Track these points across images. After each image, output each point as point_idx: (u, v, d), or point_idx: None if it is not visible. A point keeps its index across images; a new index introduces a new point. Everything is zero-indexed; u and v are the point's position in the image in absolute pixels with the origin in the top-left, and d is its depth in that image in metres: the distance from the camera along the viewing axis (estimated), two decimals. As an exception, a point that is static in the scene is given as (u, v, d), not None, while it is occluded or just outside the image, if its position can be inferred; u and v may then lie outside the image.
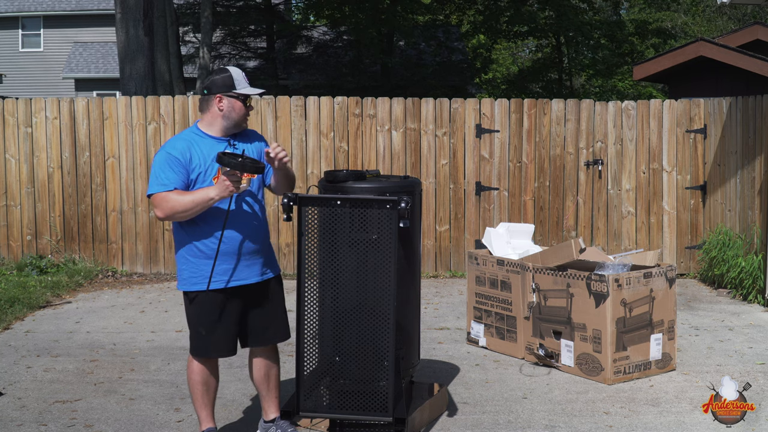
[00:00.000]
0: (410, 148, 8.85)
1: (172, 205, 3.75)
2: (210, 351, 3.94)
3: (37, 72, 28.52)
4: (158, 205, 3.78)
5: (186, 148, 3.84)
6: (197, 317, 3.92)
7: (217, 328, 3.90)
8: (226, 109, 3.90)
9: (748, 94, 8.26)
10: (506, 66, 34.63)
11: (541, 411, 4.67)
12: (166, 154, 3.82)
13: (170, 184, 3.77)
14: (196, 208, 3.74)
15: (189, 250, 3.88)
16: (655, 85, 28.11)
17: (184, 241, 3.90)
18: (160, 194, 3.77)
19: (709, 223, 8.81)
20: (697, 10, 35.28)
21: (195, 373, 3.97)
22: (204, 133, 3.93)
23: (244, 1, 22.34)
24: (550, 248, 5.64)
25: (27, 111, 8.72)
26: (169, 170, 3.78)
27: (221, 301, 3.89)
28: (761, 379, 5.21)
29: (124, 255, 8.79)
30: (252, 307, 3.99)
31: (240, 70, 3.96)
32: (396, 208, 3.87)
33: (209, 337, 3.90)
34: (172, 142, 3.89)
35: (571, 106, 8.93)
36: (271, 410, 4.17)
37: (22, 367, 5.48)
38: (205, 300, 3.88)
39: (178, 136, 3.97)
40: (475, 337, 6.05)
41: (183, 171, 3.79)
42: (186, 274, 3.90)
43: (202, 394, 3.99)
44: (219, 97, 3.90)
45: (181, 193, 3.76)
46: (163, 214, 3.78)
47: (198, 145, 3.87)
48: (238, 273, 3.90)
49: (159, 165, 3.81)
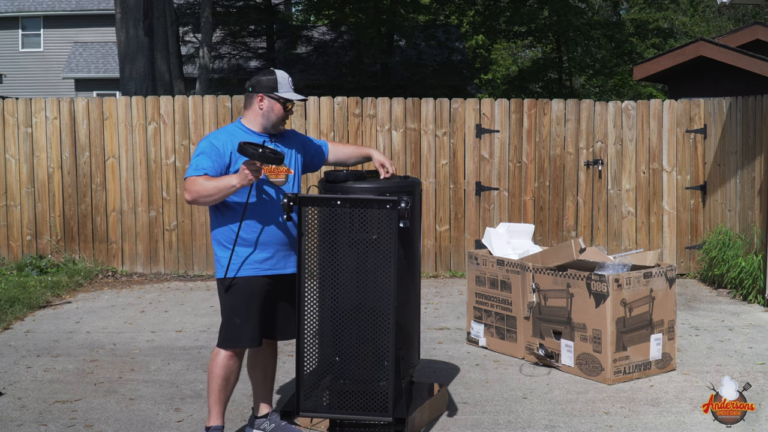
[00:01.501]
0: (410, 148, 8.85)
1: (198, 188, 3.85)
2: (242, 341, 3.97)
3: (37, 72, 28.52)
4: (187, 187, 3.90)
5: (228, 140, 3.97)
6: (234, 305, 3.96)
7: (252, 316, 3.95)
8: (266, 109, 4.04)
9: (748, 94, 8.26)
10: (506, 66, 34.62)
11: (541, 411, 4.67)
12: (208, 142, 3.97)
13: (202, 169, 3.88)
14: (220, 193, 3.83)
15: (224, 235, 3.97)
16: (655, 85, 28.11)
17: (219, 226, 4.00)
18: (191, 177, 3.89)
19: (709, 223, 8.81)
20: (695, 11, 35.27)
21: (218, 367, 3.99)
22: (246, 128, 4.06)
23: (244, 1, 22.34)
24: (550, 248, 5.64)
25: (27, 111, 8.72)
26: (206, 157, 3.91)
27: (258, 289, 3.96)
28: (761, 379, 5.22)
29: (124, 255, 8.80)
30: (281, 299, 4.07)
31: (287, 75, 4.09)
32: (396, 208, 3.87)
33: (243, 327, 3.94)
34: (216, 133, 4.06)
35: (571, 106, 8.93)
36: (264, 405, 4.24)
37: (22, 367, 5.48)
38: (244, 287, 3.94)
39: (222, 129, 4.13)
40: (475, 337, 6.05)
41: (219, 160, 3.92)
42: (224, 261, 3.97)
43: (221, 389, 4.01)
44: (261, 96, 4.04)
45: (209, 178, 3.87)
46: (189, 197, 3.90)
47: (240, 139, 3.98)
48: (277, 262, 4.01)
49: (198, 152, 3.96)
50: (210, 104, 8.75)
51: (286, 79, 4.06)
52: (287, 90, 4.04)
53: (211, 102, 8.76)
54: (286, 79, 4.06)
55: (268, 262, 3.98)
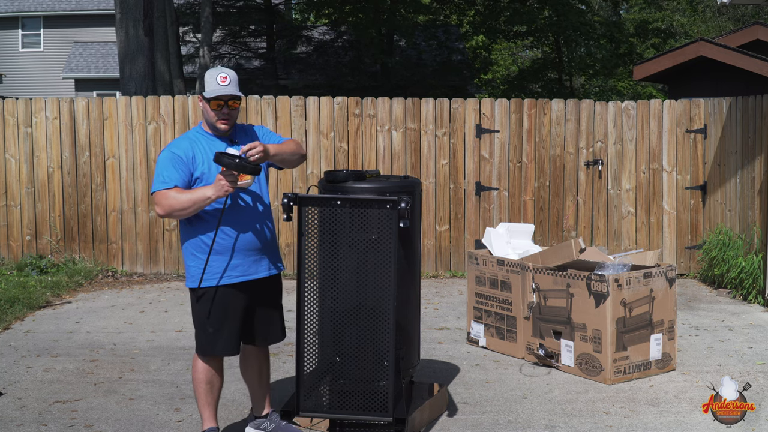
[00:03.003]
0: (410, 148, 8.85)
1: (171, 203, 3.79)
2: (217, 349, 3.95)
3: (37, 72, 28.51)
4: (158, 202, 3.84)
5: (189, 146, 3.90)
6: (205, 315, 3.93)
7: (224, 325, 3.91)
8: (203, 110, 3.98)
9: (748, 94, 8.26)
10: (506, 66, 34.62)
11: (541, 411, 4.67)
12: (169, 152, 3.89)
13: (171, 181, 3.82)
14: (194, 206, 3.78)
15: (196, 246, 3.92)
16: (655, 85, 28.11)
17: (190, 236, 3.94)
18: (161, 191, 3.82)
19: (709, 223, 8.81)
20: (695, 11, 35.27)
21: (199, 372, 3.98)
22: (206, 132, 4.00)
23: (244, 1, 22.34)
24: (550, 248, 5.64)
25: (27, 111, 8.72)
26: (172, 168, 3.84)
27: (229, 297, 3.92)
28: (761, 379, 5.22)
29: (124, 255, 8.80)
30: (257, 304, 4.03)
31: (222, 71, 3.92)
32: (396, 208, 3.87)
33: (216, 335, 3.91)
34: (176, 142, 3.96)
35: (571, 106, 8.93)
36: (263, 406, 4.23)
37: (22, 367, 5.48)
38: (214, 296, 3.90)
39: (182, 135, 4.04)
40: (475, 337, 6.05)
41: (185, 169, 3.85)
42: (194, 271, 3.92)
43: (206, 393, 4.00)
44: (199, 97, 3.99)
45: (181, 191, 3.80)
46: (162, 212, 3.83)
47: (201, 143, 3.94)
48: (247, 268, 3.94)
49: (162, 163, 3.87)
50: (210, 104, 8.73)
51: (214, 76, 3.89)
52: (213, 88, 3.87)
53: (211, 102, 8.74)
54: (214, 76, 3.89)
55: (238, 269, 3.91)
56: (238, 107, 3.97)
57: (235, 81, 3.93)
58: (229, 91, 3.88)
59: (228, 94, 3.87)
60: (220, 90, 3.87)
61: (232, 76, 3.92)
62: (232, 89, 3.90)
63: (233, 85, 3.91)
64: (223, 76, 3.89)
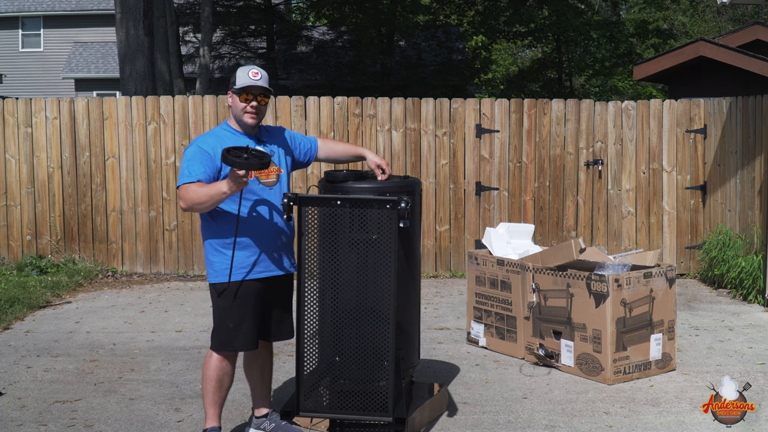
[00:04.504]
0: (410, 148, 8.85)
1: (191, 196, 3.82)
2: (236, 344, 3.96)
3: (37, 72, 28.51)
4: (181, 195, 3.86)
5: (216, 143, 3.92)
6: (227, 309, 3.94)
7: (245, 320, 3.93)
8: (232, 106, 4.00)
9: (748, 94, 8.26)
10: (506, 66, 34.62)
11: (541, 411, 4.67)
12: (196, 147, 3.92)
13: (194, 175, 3.84)
14: (211, 201, 3.79)
15: (218, 240, 3.93)
16: (655, 85, 28.11)
17: (212, 232, 3.96)
18: (184, 185, 3.85)
19: (709, 223, 8.81)
20: (695, 11, 35.27)
21: (211, 369, 3.99)
22: (231, 129, 4.02)
23: (244, 1, 22.35)
24: (550, 248, 5.64)
25: (27, 111, 8.72)
26: (197, 163, 3.86)
27: (251, 292, 3.94)
28: (761, 379, 5.22)
29: (124, 255, 8.79)
30: (274, 300, 4.06)
31: (254, 68, 3.99)
32: (396, 208, 3.87)
33: (236, 330, 3.93)
34: (203, 137, 4.00)
35: (571, 106, 8.93)
36: (263, 405, 4.24)
37: (22, 367, 5.48)
38: (236, 291, 3.92)
39: (209, 132, 4.09)
40: (475, 337, 6.05)
41: (211, 165, 3.87)
42: (218, 266, 3.94)
43: (214, 391, 4.01)
44: (229, 93, 4.01)
45: (202, 185, 3.83)
46: (184, 205, 3.87)
47: (227, 140, 3.95)
48: (269, 264, 3.97)
49: (188, 158, 3.90)
50: (210, 104, 8.75)
51: (246, 71, 3.95)
52: (245, 80, 3.92)
53: (211, 102, 8.76)
54: (246, 71, 3.95)
55: (261, 265, 3.95)
56: (267, 104, 4.02)
57: (266, 78, 3.99)
58: (261, 83, 3.93)
59: (259, 86, 3.92)
60: (251, 82, 3.91)
61: (263, 73, 3.99)
62: (263, 83, 3.95)
63: (264, 80, 3.96)
64: (255, 71, 3.95)
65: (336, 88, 20.03)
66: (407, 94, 18.98)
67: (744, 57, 10.30)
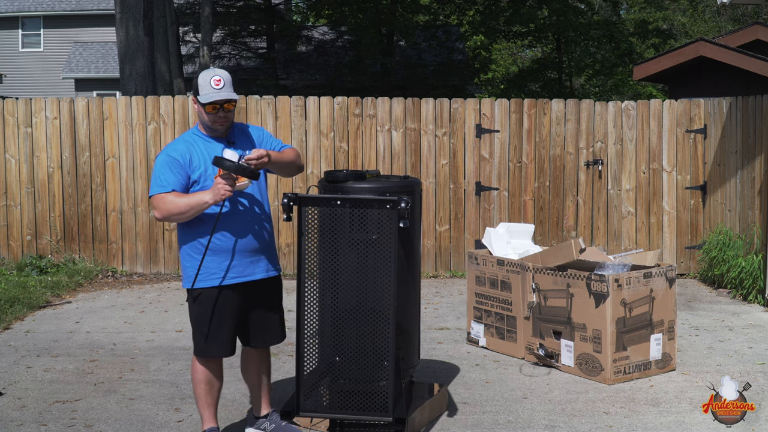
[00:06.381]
0: (410, 148, 8.85)
1: (169, 207, 3.79)
2: (211, 351, 3.94)
3: (37, 72, 28.51)
4: (156, 205, 3.83)
5: (186, 149, 3.87)
6: (200, 315, 3.92)
7: (221, 326, 3.91)
8: (198, 112, 3.92)
9: (748, 94, 8.26)
10: (506, 66, 34.62)
11: (541, 411, 4.67)
12: (166, 156, 3.86)
13: (168, 185, 3.80)
14: (192, 211, 3.77)
15: (193, 247, 3.90)
16: (655, 85, 28.11)
17: (187, 238, 3.92)
18: (158, 195, 3.81)
19: (709, 223, 8.81)
20: (695, 11, 35.28)
21: (198, 372, 3.98)
22: (203, 134, 3.96)
23: (244, 1, 22.35)
24: (550, 248, 5.64)
25: (27, 111, 8.72)
26: (169, 172, 3.82)
27: (226, 298, 3.90)
28: (761, 379, 5.22)
29: (124, 255, 8.80)
30: (254, 305, 4.01)
31: (215, 74, 3.85)
32: (396, 208, 3.87)
33: (213, 337, 3.90)
34: (173, 144, 3.93)
35: (571, 106, 8.93)
36: (263, 405, 4.23)
37: (22, 367, 5.48)
38: (210, 297, 3.89)
39: (179, 138, 4.01)
40: (475, 337, 6.05)
41: (182, 172, 3.83)
42: (190, 271, 3.91)
43: (205, 393, 4.00)
44: (193, 99, 3.93)
45: (179, 195, 3.80)
46: (160, 215, 3.84)
47: (198, 145, 3.91)
48: (244, 269, 3.92)
49: (159, 167, 3.86)
50: (210, 104, 8.73)
51: (208, 80, 3.82)
52: (207, 91, 3.81)
53: (211, 102, 8.74)
54: (208, 80, 3.82)
55: (234, 270, 3.89)
56: (234, 108, 3.92)
57: (230, 82, 3.87)
58: (224, 96, 3.82)
59: (223, 99, 3.82)
60: (214, 94, 3.81)
61: (225, 77, 3.85)
62: (227, 92, 3.84)
63: (227, 87, 3.85)
64: (217, 79, 3.83)
65: (336, 88, 20.02)
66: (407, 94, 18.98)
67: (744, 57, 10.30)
